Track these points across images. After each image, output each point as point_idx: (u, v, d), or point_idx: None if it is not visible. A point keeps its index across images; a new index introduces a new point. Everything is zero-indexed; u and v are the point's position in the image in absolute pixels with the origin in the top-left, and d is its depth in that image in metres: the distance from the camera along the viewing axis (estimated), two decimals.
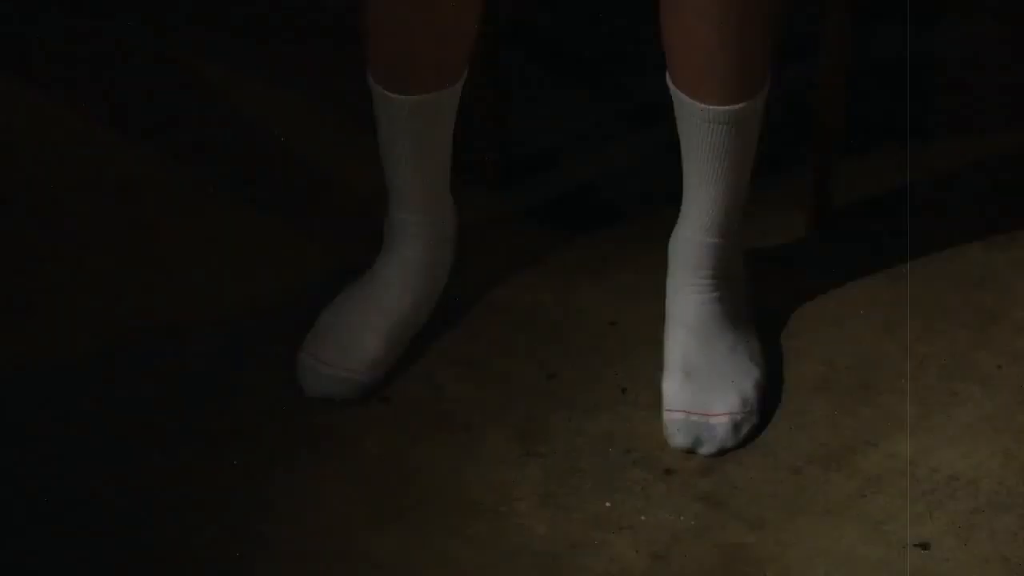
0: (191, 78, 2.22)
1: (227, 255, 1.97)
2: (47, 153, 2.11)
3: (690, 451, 1.74)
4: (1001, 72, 2.15)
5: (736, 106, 1.70)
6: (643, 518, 1.68)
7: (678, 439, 1.74)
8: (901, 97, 2.10)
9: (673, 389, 1.76)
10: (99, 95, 2.19)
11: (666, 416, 1.75)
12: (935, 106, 2.12)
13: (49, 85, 2.20)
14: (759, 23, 1.67)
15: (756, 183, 1.80)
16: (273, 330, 1.85)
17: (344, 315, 1.83)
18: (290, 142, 2.12)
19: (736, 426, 1.74)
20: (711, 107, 1.70)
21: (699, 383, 1.75)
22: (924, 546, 1.64)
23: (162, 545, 1.66)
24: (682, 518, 1.68)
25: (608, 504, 1.69)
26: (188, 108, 2.18)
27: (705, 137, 1.72)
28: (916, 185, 2.03)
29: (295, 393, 1.80)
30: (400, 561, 1.64)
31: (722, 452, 1.74)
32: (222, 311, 1.90)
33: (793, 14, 1.98)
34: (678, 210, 1.80)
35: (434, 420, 1.78)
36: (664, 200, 1.84)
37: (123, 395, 1.80)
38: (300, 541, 1.66)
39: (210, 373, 1.83)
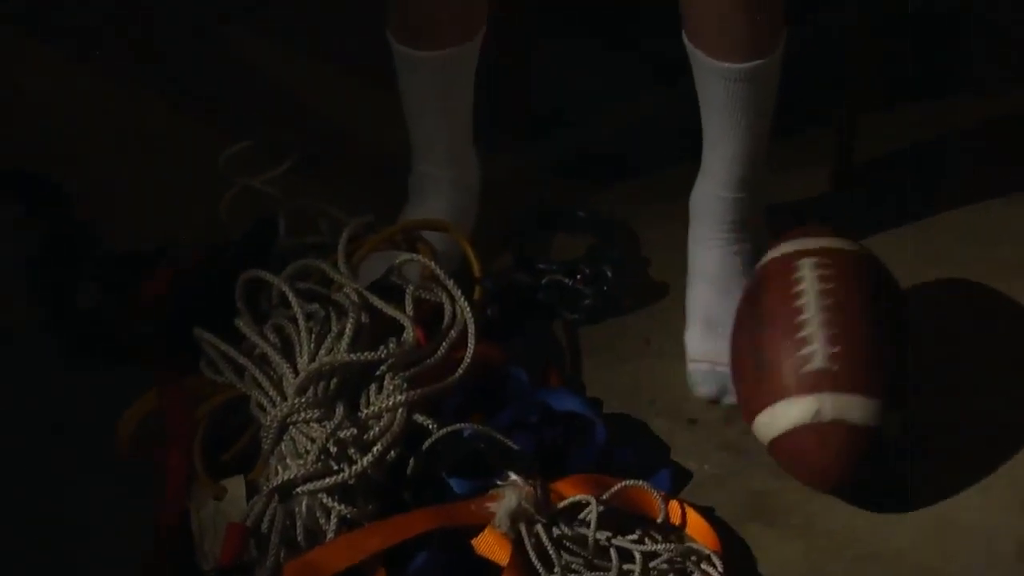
0: (212, 38, 2.22)
1: (251, 210, 1.97)
2: (73, 108, 2.13)
3: (714, 401, 1.75)
4: None
5: (753, 63, 1.70)
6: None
7: (702, 389, 1.75)
8: (927, 52, 2.11)
9: (696, 340, 1.77)
10: (123, 54, 2.20)
11: (690, 366, 1.76)
12: (960, 61, 2.13)
13: (70, 44, 2.22)
14: None
15: (779, 137, 1.81)
16: None
17: (369, 267, 1.83)
18: (312, 100, 2.13)
19: None
20: (728, 65, 1.70)
21: (721, 334, 1.75)
22: None
23: None
24: (706, 466, 1.68)
25: None
26: (210, 67, 2.18)
27: (722, 94, 1.72)
28: (938, 140, 2.03)
29: None
30: None
31: None
32: None
33: None
34: (699, 164, 1.81)
35: None
36: (685, 155, 1.84)
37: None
38: None
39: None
